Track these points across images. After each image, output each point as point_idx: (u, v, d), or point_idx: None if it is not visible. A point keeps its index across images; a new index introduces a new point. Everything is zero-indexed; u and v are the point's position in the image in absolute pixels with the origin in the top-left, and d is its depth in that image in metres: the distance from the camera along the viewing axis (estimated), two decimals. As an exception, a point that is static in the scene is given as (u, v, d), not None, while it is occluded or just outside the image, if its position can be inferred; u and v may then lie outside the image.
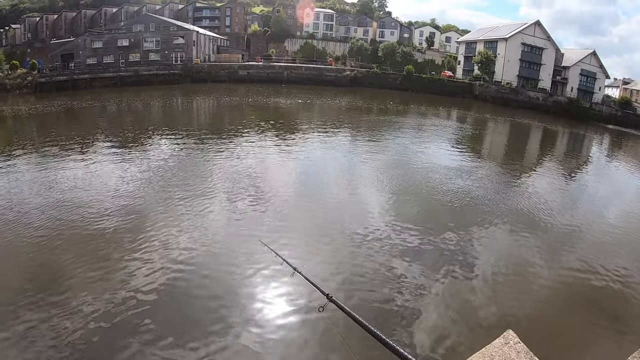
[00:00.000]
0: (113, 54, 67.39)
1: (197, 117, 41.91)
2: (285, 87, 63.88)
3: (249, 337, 9.08)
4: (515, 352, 2.85)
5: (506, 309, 10.18)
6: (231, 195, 16.78)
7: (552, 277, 11.90)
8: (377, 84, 70.03)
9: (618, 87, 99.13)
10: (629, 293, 11.44)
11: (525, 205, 18.21)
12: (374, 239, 13.45)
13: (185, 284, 10.63)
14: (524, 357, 2.82)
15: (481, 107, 60.05)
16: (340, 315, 1.35)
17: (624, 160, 36.46)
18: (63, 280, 10.25)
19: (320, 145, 28.21)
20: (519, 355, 2.83)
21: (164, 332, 8.83)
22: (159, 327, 8.99)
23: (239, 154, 23.94)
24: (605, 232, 16.09)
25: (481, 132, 42.42)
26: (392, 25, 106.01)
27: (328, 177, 20.94)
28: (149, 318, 9.12)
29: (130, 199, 15.86)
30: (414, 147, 29.61)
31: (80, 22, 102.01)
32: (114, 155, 22.61)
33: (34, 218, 13.85)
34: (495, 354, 2.83)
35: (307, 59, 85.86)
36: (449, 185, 20.20)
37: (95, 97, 48.38)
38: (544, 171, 26.99)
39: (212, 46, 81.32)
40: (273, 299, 10.27)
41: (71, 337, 8.36)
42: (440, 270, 11.74)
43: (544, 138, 44.16)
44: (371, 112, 49.04)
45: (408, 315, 9.69)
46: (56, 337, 8.32)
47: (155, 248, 12.09)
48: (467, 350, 8.01)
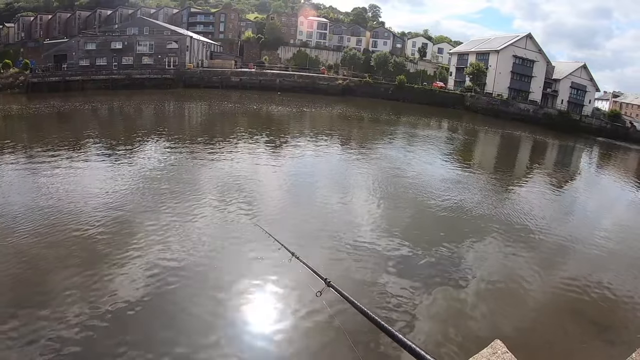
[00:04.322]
0: (106, 56, 67.02)
1: (189, 123, 41.76)
2: (280, 95, 63.89)
3: (246, 321, 9.44)
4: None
5: (494, 318, 10.19)
6: (224, 196, 16.78)
7: (541, 288, 11.94)
8: (369, 94, 70.28)
9: (608, 100, 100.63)
10: (618, 304, 11.51)
11: (516, 216, 18.31)
12: (361, 250, 13.44)
13: (183, 272, 10.96)
14: (512, 366, 2.80)
15: (472, 118, 60.48)
16: (339, 299, 1.35)
17: (613, 173, 36.87)
18: (50, 284, 10.07)
19: (312, 152, 28.28)
20: (507, 364, 2.81)
21: (160, 318, 9.12)
22: (155, 314, 9.22)
23: (232, 158, 24.06)
24: (595, 243, 16.20)
25: (472, 143, 42.72)
26: (385, 36, 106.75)
27: (320, 182, 21.01)
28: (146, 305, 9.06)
29: (122, 198, 15.77)
30: (404, 157, 29.78)
31: (74, 23, 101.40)
32: (104, 159, 22.43)
33: (19, 221, 13.63)
34: (483, 363, 2.82)
35: (300, 67, 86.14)
36: (438, 195, 20.27)
37: (87, 100, 47.99)
38: (534, 183, 27.18)
39: (206, 52, 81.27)
40: (271, 283, 10.74)
41: (61, 340, 8.20)
42: (428, 278, 11.74)
43: (534, 150, 44.55)
44: (362, 121, 49.23)
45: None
46: (41, 342, 8.15)
47: (149, 244, 12.03)
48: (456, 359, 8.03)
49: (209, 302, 9.84)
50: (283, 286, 10.52)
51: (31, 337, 8.19)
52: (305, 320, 9.34)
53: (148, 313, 9.29)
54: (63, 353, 7.93)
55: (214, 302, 9.90)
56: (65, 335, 8.34)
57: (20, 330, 8.39)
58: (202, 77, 68.46)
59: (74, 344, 8.14)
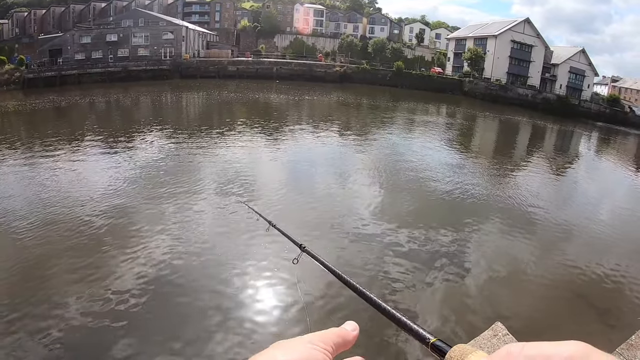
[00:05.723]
0: (102, 49, 66.67)
1: (186, 113, 41.67)
2: (279, 83, 63.59)
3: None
4: (503, 343, 2.86)
5: (495, 301, 10.26)
6: (221, 183, 16.81)
7: (542, 272, 12.00)
8: (366, 80, 69.99)
9: (607, 85, 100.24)
10: (618, 288, 11.56)
11: (515, 201, 18.34)
12: (361, 235, 13.47)
13: (182, 253, 11.32)
14: (512, 348, 2.82)
15: (470, 104, 60.26)
16: (315, 266, 1.36)
17: (612, 157, 36.90)
18: (50, 278, 10.10)
19: (309, 138, 28.29)
20: (508, 346, 2.83)
21: (159, 304, 9.31)
22: (153, 300, 9.32)
23: (229, 146, 24.14)
24: (595, 228, 16.25)
25: (471, 129, 42.67)
26: (382, 22, 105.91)
27: (319, 168, 21.01)
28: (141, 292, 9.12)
29: (121, 190, 15.77)
30: (403, 143, 29.78)
31: (68, 17, 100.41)
32: (102, 152, 22.41)
33: (18, 216, 13.61)
34: (484, 345, 2.86)
35: (297, 54, 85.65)
36: (437, 180, 20.29)
37: (84, 93, 47.77)
38: (533, 168, 27.18)
39: (202, 42, 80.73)
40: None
41: (61, 337, 8.24)
42: (428, 261, 11.77)
43: (534, 135, 44.50)
44: (361, 108, 49.07)
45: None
46: (40, 340, 8.16)
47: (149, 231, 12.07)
48: (456, 341, 8.08)
49: (190, 273, 10.32)
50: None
51: (31, 334, 8.19)
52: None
53: (146, 297, 9.43)
54: (63, 348, 7.97)
55: (194, 273, 10.31)
56: (65, 330, 8.37)
57: (20, 327, 8.39)
58: (198, 67, 68.08)
59: (73, 339, 8.18)
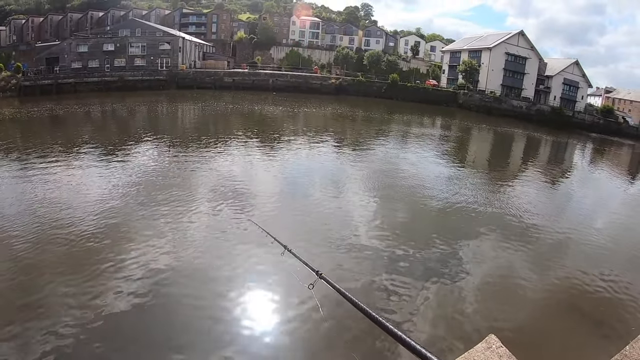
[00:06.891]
0: (98, 58, 66.79)
1: (182, 124, 41.64)
2: (275, 95, 63.81)
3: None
4: (497, 356, 2.85)
5: (489, 314, 10.24)
6: (219, 195, 16.77)
7: (536, 284, 11.99)
8: (362, 92, 70.37)
9: (600, 96, 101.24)
10: (613, 299, 11.55)
11: (510, 212, 18.37)
12: (356, 245, 13.45)
13: (179, 267, 11.10)
14: (506, 361, 2.82)
15: (465, 116, 60.64)
16: (331, 292, 1.35)
17: (607, 168, 37.05)
18: (45, 286, 10.00)
19: (306, 151, 28.29)
20: (502, 359, 2.83)
21: (157, 315, 9.23)
22: (151, 311, 9.29)
23: (226, 158, 24.17)
24: (589, 239, 16.26)
25: (466, 140, 42.83)
26: (378, 34, 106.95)
27: (315, 180, 21.00)
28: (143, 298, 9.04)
29: (117, 199, 15.67)
30: (399, 155, 29.89)
31: (66, 25, 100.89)
32: (98, 162, 22.30)
33: (12, 225, 13.51)
34: (477, 358, 2.84)
35: (292, 66, 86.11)
36: (432, 191, 20.33)
37: (80, 102, 47.72)
38: (528, 179, 27.28)
39: (198, 52, 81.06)
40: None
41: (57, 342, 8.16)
42: (422, 274, 11.75)
43: (528, 146, 44.72)
44: (356, 120, 49.26)
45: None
46: (38, 346, 8.09)
47: (145, 242, 12.00)
48: (449, 354, 8.05)
49: (202, 295, 10.00)
50: (275, 279, 10.68)
51: (26, 341, 8.13)
52: (297, 312, 9.46)
53: (145, 310, 9.30)
54: (59, 355, 7.90)
55: (207, 294, 10.05)
56: (61, 337, 8.28)
57: (16, 334, 8.32)
58: (194, 78, 68.27)
59: (69, 346, 8.10)
